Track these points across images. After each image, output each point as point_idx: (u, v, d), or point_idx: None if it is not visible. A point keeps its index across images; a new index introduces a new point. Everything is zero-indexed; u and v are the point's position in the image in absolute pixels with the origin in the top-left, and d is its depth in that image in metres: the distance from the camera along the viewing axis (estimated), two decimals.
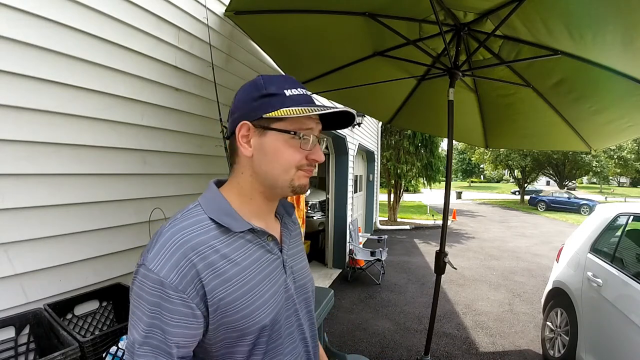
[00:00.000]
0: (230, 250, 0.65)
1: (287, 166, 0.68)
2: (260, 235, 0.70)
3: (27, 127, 1.08)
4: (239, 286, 0.63)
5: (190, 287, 0.58)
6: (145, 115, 1.51)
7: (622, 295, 2.18)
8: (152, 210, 1.53)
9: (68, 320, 1.19)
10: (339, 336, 3.48)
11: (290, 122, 0.67)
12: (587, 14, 1.38)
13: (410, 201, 20.64)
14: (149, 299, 0.57)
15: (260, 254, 0.69)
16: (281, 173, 0.69)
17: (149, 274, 0.58)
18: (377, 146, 9.43)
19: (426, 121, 3.17)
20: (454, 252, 7.35)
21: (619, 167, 22.89)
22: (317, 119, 0.71)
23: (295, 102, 0.67)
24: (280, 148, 0.68)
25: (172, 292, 0.57)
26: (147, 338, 0.58)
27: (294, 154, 0.68)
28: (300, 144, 0.68)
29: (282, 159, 0.68)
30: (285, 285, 0.72)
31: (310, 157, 0.70)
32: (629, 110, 2.04)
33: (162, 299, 0.57)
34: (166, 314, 0.57)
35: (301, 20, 1.79)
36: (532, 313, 4.12)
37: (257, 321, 0.64)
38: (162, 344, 0.57)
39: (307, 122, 0.68)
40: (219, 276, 0.61)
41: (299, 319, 0.75)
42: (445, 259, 1.88)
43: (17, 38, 1.03)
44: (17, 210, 1.07)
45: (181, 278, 0.58)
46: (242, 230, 0.67)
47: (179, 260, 0.58)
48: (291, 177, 0.69)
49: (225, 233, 0.65)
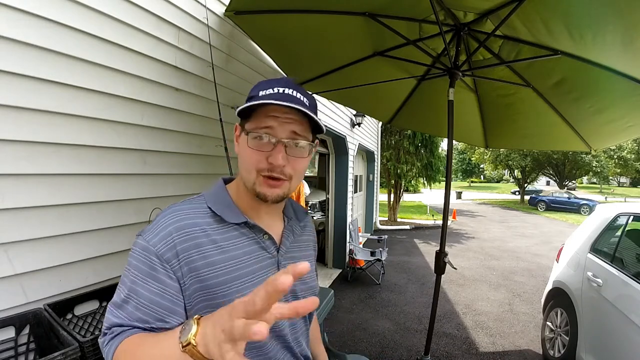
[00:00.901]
0: (221, 238, 0.67)
1: (248, 168, 0.67)
2: (256, 231, 0.71)
3: (27, 127, 1.08)
4: (222, 272, 0.65)
5: (175, 260, 0.62)
6: (145, 115, 1.51)
7: (622, 295, 2.18)
8: (152, 210, 1.53)
9: (68, 320, 1.19)
10: (339, 336, 3.48)
11: (252, 121, 0.66)
12: (587, 14, 1.38)
13: (410, 201, 20.64)
14: (135, 263, 0.61)
15: (252, 249, 0.70)
16: (245, 174, 0.69)
17: (141, 242, 0.62)
18: (377, 146, 9.43)
19: (426, 121, 3.17)
20: (454, 252, 7.35)
21: (619, 167, 22.89)
22: (285, 117, 0.65)
23: (260, 100, 0.64)
24: (243, 148, 0.68)
25: (155, 259, 0.61)
26: (125, 302, 0.60)
27: (251, 154, 0.66)
28: (253, 145, 0.65)
29: (243, 160, 0.68)
30: None
31: (269, 159, 0.65)
32: (629, 110, 2.04)
33: (145, 265, 0.61)
34: (147, 279, 0.60)
35: (301, 20, 1.79)
36: (532, 313, 4.12)
37: None
38: (136, 310, 0.59)
39: (265, 120, 0.64)
40: (204, 258, 0.64)
41: (280, 325, 0.71)
42: (445, 259, 1.88)
43: (17, 38, 1.03)
44: (17, 210, 1.07)
45: (167, 249, 0.61)
46: (237, 222, 0.69)
47: (167, 235, 0.62)
48: (253, 180, 0.67)
49: (220, 222, 0.68)
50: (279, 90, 0.65)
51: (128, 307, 0.59)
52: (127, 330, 0.59)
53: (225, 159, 1.69)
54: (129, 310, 0.59)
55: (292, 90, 0.66)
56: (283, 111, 0.64)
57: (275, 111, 0.64)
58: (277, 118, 0.64)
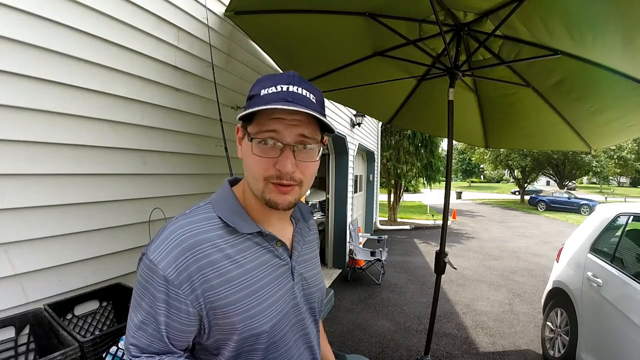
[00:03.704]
0: (235, 251, 0.63)
1: (254, 175, 0.62)
2: (269, 239, 0.68)
3: (27, 127, 1.08)
4: (240, 288, 0.62)
5: (186, 283, 0.58)
6: (145, 115, 1.51)
7: (622, 295, 2.18)
8: (152, 210, 1.53)
9: (68, 320, 1.19)
10: (339, 336, 3.48)
11: (255, 124, 0.61)
12: (587, 14, 1.38)
13: (410, 201, 20.64)
14: (148, 287, 0.59)
15: (267, 258, 0.67)
16: (252, 181, 0.63)
17: (149, 264, 0.59)
18: (377, 146, 9.42)
19: (426, 121, 3.17)
20: (454, 252, 7.34)
21: (619, 167, 22.86)
22: (292, 119, 0.59)
23: (264, 102, 0.58)
24: (247, 154, 0.62)
25: (168, 286, 0.58)
26: (143, 324, 0.59)
27: (257, 161, 0.60)
28: (258, 152, 0.60)
29: (249, 167, 0.63)
30: (292, 292, 0.70)
31: (277, 166, 0.60)
32: (629, 110, 2.04)
33: (158, 291, 0.58)
34: (160, 305, 0.58)
35: (301, 20, 1.79)
36: (532, 313, 4.12)
37: (255, 326, 0.62)
38: (156, 332, 0.59)
39: (270, 124, 0.59)
40: (220, 276, 0.61)
41: (304, 328, 0.73)
42: (445, 259, 1.88)
43: (17, 38, 1.03)
44: (17, 210, 1.07)
45: (178, 273, 0.58)
46: (250, 232, 0.65)
47: (178, 257, 0.58)
48: (262, 188, 0.62)
49: (232, 233, 0.64)
50: (282, 88, 0.59)
51: (148, 329, 0.60)
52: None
53: (225, 159, 1.69)
54: (149, 332, 0.60)
55: (297, 87, 0.60)
56: (289, 112, 0.58)
57: (281, 113, 0.58)
58: (283, 120, 0.59)
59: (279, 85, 0.60)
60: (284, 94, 0.59)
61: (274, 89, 0.59)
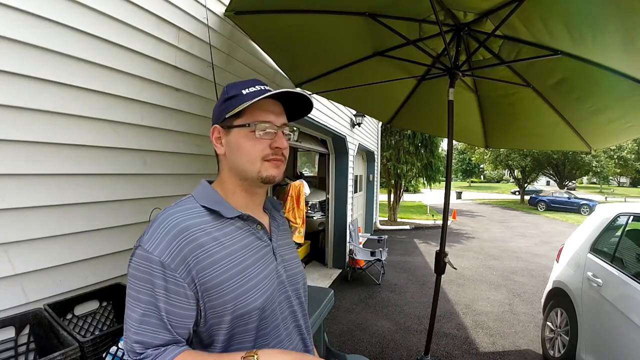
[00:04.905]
0: (221, 234, 0.68)
1: (251, 158, 0.72)
2: (250, 222, 0.74)
3: (27, 127, 1.08)
4: (228, 267, 0.66)
5: (182, 266, 0.62)
6: (145, 115, 1.51)
7: (622, 295, 2.18)
8: (152, 210, 1.53)
9: (68, 321, 1.19)
10: (339, 336, 3.48)
11: (247, 117, 0.72)
12: (587, 14, 1.38)
13: (410, 201, 20.64)
14: (144, 277, 0.61)
15: (250, 240, 0.73)
16: (247, 164, 0.73)
17: (143, 253, 0.62)
18: (377, 146, 9.42)
19: (426, 121, 3.17)
20: (454, 252, 7.34)
21: (619, 167, 22.85)
22: (277, 111, 0.75)
23: (249, 98, 0.70)
24: (241, 142, 0.72)
25: (165, 270, 0.61)
26: (145, 316, 0.60)
27: (254, 145, 0.72)
28: (260, 135, 0.71)
29: (245, 152, 0.72)
30: (276, 271, 0.75)
31: (273, 145, 0.73)
32: (629, 110, 2.04)
33: (155, 277, 0.60)
34: (160, 292, 0.60)
35: (301, 20, 1.79)
36: (532, 313, 4.12)
37: (246, 303, 0.66)
38: (159, 321, 0.60)
39: (262, 114, 0.72)
40: (210, 257, 0.65)
41: (291, 306, 0.78)
42: (445, 259, 1.88)
43: (17, 38, 1.03)
44: (17, 210, 1.07)
45: (173, 257, 0.61)
46: (233, 216, 0.71)
47: (171, 241, 0.62)
48: (258, 168, 0.72)
49: (217, 219, 0.70)
50: (261, 88, 0.73)
51: (151, 319, 0.60)
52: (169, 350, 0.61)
53: None
54: (153, 322, 0.61)
55: (266, 87, 0.75)
56: (275, 104, 0.75)
57: (270, 105, 0.73)
58: (273, 111, 0.74)
59: (257, 85, 0.74)
60: (263, 92, 0.72)
61: (252, 89, 0.73)
